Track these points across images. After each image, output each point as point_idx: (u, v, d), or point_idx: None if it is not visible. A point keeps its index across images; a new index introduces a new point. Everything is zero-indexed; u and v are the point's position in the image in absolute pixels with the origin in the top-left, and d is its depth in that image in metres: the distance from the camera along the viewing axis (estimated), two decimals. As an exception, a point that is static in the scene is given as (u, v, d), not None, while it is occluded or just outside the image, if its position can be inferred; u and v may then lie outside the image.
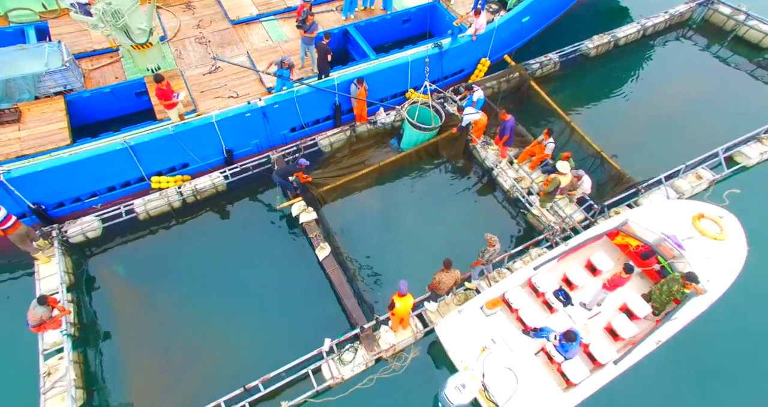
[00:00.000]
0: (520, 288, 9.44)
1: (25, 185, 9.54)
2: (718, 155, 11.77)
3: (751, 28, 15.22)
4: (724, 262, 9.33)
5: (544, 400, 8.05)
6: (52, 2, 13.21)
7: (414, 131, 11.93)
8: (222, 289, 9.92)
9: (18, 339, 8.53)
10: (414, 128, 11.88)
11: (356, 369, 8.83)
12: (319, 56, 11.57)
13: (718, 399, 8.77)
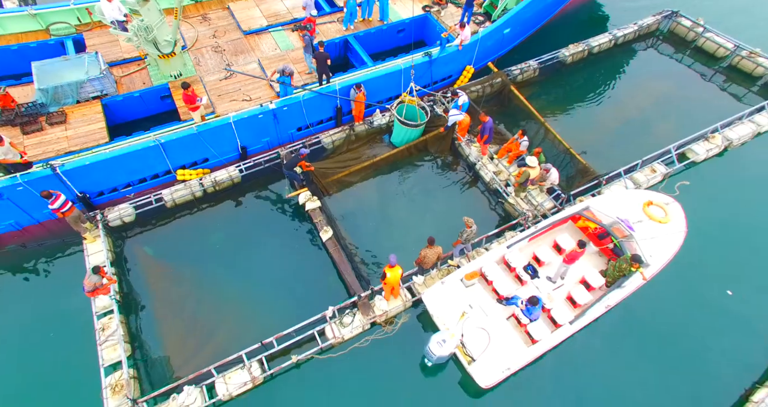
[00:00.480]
0: (495, 264, 11.11)
1: (74, 176, 11.20)
2: (671, 152, 13.43)
3: (708, 39, 16.90)
4: (665, 241, 11.01)
5: (511, 353, 9.73)
6: (85, 15, 14.90)
7: (401, 126, 13.57)
8: (239, 266, 11.57)
9: (73, 302, 10.19)
10: (401, 124, 13.51)
11: (354, 330, 10.49)
12: (318, 63, 13.23)
13: (655, 353, 10.42)
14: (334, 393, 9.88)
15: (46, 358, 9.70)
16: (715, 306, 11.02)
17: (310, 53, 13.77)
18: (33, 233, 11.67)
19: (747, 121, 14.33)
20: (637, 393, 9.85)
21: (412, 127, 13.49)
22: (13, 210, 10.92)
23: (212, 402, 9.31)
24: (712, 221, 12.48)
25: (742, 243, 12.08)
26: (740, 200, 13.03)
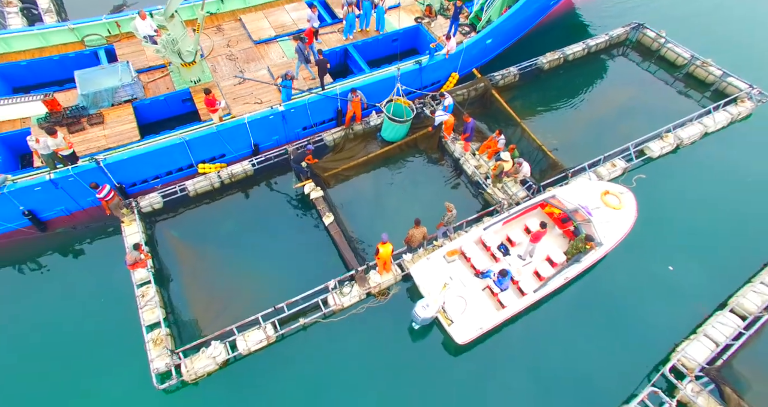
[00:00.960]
0: (473, 243, 13.01)
1: (113, 169, 13.10)
2: (630, 149, 15.34)
3: (669, 49, 18.80)
4: (617, 225, 12.93)
5: (483, 316, 11.64)
6: (115, 28, 16.80)
7: (390, 122, 15.39)
8: (252, 245, 13.45)
9: (117, 275, 12.09)
10: (390, 121, 15.34)
11: (352, 299, 12.38)
12: (319, 69, 15.10)
13: (606, 318, 12.32)
14: (334, 351, 11.75)
15: (99, 320, 11.60)
16: (658, 279, 12.93)
17: (302, 61, 15.67)
18: (79, 217, 13.58)
19: (696, 122, 16.24)
20: (590, 350, 11.73)
21: (399, 123, 15.33)
22: (64, 198, 12.83)
23: (233, 356, 11.20)
24: (662, 208, 14.39)
25: (685, 227, 13.99)
26: (687, 191, 14.95)
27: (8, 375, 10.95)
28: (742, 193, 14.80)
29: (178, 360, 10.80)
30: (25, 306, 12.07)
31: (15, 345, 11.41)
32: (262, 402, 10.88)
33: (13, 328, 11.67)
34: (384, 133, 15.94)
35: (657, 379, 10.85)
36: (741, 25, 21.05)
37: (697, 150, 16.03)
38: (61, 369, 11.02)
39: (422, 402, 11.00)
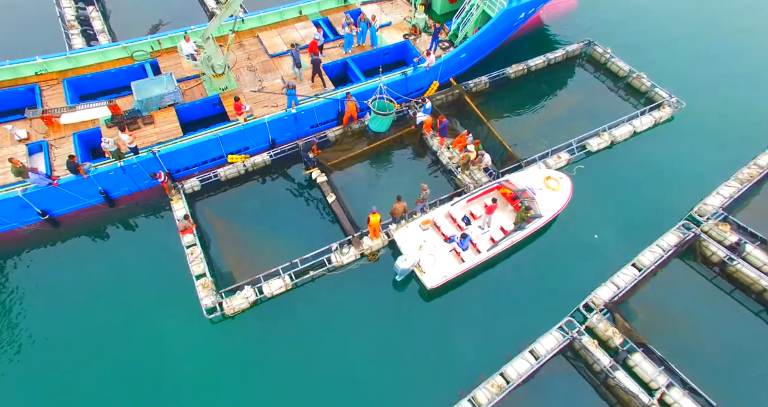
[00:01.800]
0: (443, 216, 16.83)
1: (164, 158, 16.90)
2: (573, 145, 19.15)
3: (613, 63, 22.64)
4: (554, 202, 16.75)
5: (447, 268, 15.44)
6: (157, 45, 20.59)
7: (376, 116, 19.01)
8: (270, 218, 17.19)
9: (170, 239, 15.91)
10: (376, 114, 18.94)
11: (349, 258, 16.16)
12: (313, 67, 18.87)
13: (543, 272, 16.12)
14: (336, 297, 15.52)
15: (159, 272, 15.40)
16: (586, 244, 16.74)
17: (295, 64, 19.51)
18: (137, 197, 17.39)
19: (627, 123, 20.04)
20: (529, 294, 15.52)
21: (382, 115, 18.95)
22: (128, 181, 16.65)
23: (260, 297, 15.00)
24: (594, 191, 18.20)
25: (611, 206, 17.80)
26: (617, 178, 18.76)
27: (96, 312, 14.73)
28: (658, 181, 18.58)
29: (220, 299, 14.62)
30: (102, 263, 15.89)
31: (98, 292, 15.18)
32: (282, 332, 14.65)
33: (96, 279, 15.46)
34: (371, 125, 19.50)
35: (574, 312, 14.68)
36: (672, 45, 24.85)
37: (627, 146, 19.84)
38: (135, 308, 14.80)
39: (403, 332, 14.79)
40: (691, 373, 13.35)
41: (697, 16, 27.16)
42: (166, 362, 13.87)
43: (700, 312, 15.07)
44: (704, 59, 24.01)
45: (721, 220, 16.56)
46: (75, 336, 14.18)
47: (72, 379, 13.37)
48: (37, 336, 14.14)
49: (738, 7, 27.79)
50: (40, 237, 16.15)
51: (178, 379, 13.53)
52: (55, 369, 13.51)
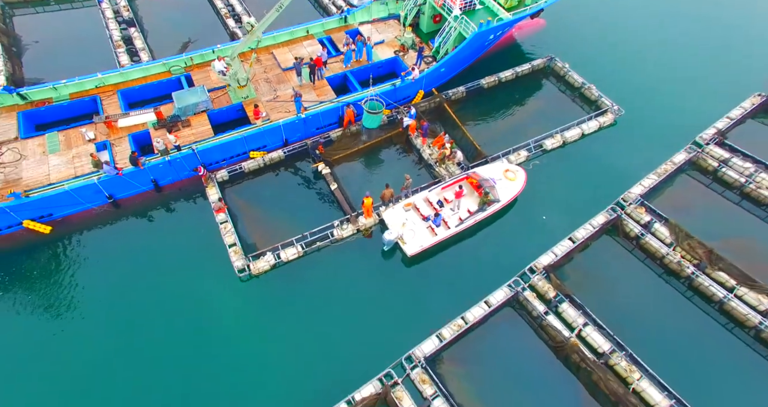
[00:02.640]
0: (422, 200, 21.21)
1: (201, 154, 21.29)
2: (530, 144, 23.52)
3: (570, 75, 27.01)
4: (510, 190, 21.14)
5: (423, 240, 19.82)
6: (189, 61, 24.97)
7: (368, 114, 23.21)
8: (284, 202, 21.52)
9: (206, 217, 20.32)
10: (368, 113, 23.18)
11: (348, 233, 20.55)
12: (311, 70, 23.33)
13: (500, 245, 20.50)
14: (337, 262, 19.85)
15: (199, 242, 19.79)
16: (535, 224, 21.12)
17: (298, 74, 23.98)
18: (179, 184, 21.80)
19: (577, 127, 24.41)
20: (489, 261, 19.87)
21: (374, 114, 23.23)
22: (173, 172, 21.05)
23: (278, 261, 19.36)
24: (547, 182, 22.55)
25: (559, 194, 22.16)
26: (565, 172, 23.10)
27: (150, 274, 19.06)
28: (597, 174, 22.93)
29: (248, 262, 19.02)
30: (153, 235, 20.29)
31: (152, 258, 19.54)
32: (295, 288, 18.96)
33: (149, 248, 19.83)
34: (365, 122, 23.79)
35: (521, 274, 19.04)
36: (620, 60, 29.22)
37: (576, 146, 24.21)
38: (181, 270, 19.14)
39: (389, 288, 19.16)
40: (602, 316, 17.73)
41: (645, 36, 31.54)
42: (207, 310, 18.21)
43: (617, 274, 19.49)
44: (644, 74, 28.39)
45: (639, 205, 20.96)
46: (135, 292, 18.50)
47: (136, 322, 17.75)
48: (106, 291, 18.48)
49: (676, 33, 32.16)
50: (107, 216, 20.59)
51: (218, 321, 17.91)
52: (121, 319, 17.85)
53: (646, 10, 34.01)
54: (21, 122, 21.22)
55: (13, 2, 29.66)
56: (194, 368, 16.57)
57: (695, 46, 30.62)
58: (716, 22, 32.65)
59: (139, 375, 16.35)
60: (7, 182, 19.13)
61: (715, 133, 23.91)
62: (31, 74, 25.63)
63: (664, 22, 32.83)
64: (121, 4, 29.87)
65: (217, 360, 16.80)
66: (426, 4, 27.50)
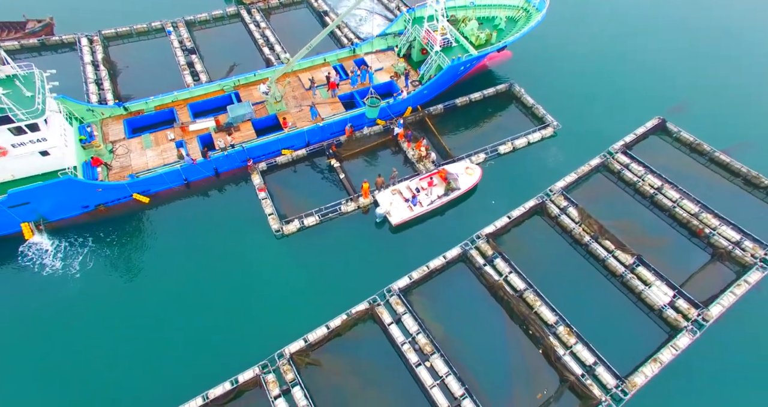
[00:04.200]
0: (404, 187, 29.69)
1: (248, 151, 29.90)
2: (488, 149, 31.94)
3: (524, 97, 35.43)
4: (469, 181, 29.55)
5: (404, 214, 28.30)
6: (236, 83, 33.70)
7: (368, 108, 31.70)
8: (306, 185, 30.08)
9: (250, 196, 28.93)
10: (369, 106, 31.64)
11: (351, 208, 29.04)
12: (327, 81, 32.03)
13: (458, 218, 28.90)
14: (343, 228, 28.29)
15: (246, 212, 28.34)
16: (485, 206, 29.48)
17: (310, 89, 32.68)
18: (232, 172, 30.41)
19: (524, 137, 32.78)
20: (445, 233, 28.23)
21: (373, 107, 31.57)
22: (228, 163, 29.68)
23: (302, 226, 27.84)
24: (497, 176, 30.91)
25: (505, 185, 30.52)
26: (512, 170, 31.48)
27: (209, 236, 27.59)
28: (535, 172, 31.26)
29: (281, 225, 27.54)
30: (215, 208, 28.90)
31: (213, 224, 28.10)
32: (314, 244, 27.40)
33: (211, 217, 28.42)
34: (367, 113, 32.18)
35: (472, 239, 27.33)
36: (563, 84, 37.74)
37: (523, 151, 32.60)
38: (233, 232, 27.64)
39: (381, 246, 27.60)
40: (522, 267, 26.00)
41: (585, 67, 40.00)
42: (252, 258, 26.65)
43: (538, 241, 27.79)
44: (580, 97, 36.80)
45: (560, 194, 29.29)
46: (203, 244, 26.98)
47: (206, 262, 26.23)
48: (183, 243, 26.99)
49: (608, 65, 40.56)
50: (182, 192, 29.27)
51: (260, 264, 26.36)
52: (195, 259, 26.29)
53: (587, 46, 42.35)
54: (126, 127, 30.05)
55: (109, 36, 38.68)
56: (244, 295, 25.01)
57: (618, 77, 39.04)
58: (636, 59, 41.08)
59: (210, 299, 24.83)
60: (122, 167, 27.90)
61: (623, 145, 32.25)
62: (125, 92, 34.53)
63: (599, 56, 41.23)
64: (184, 36, 38.81)
65: (258, 289, 25.25)
66: (415, 40, 36.13)
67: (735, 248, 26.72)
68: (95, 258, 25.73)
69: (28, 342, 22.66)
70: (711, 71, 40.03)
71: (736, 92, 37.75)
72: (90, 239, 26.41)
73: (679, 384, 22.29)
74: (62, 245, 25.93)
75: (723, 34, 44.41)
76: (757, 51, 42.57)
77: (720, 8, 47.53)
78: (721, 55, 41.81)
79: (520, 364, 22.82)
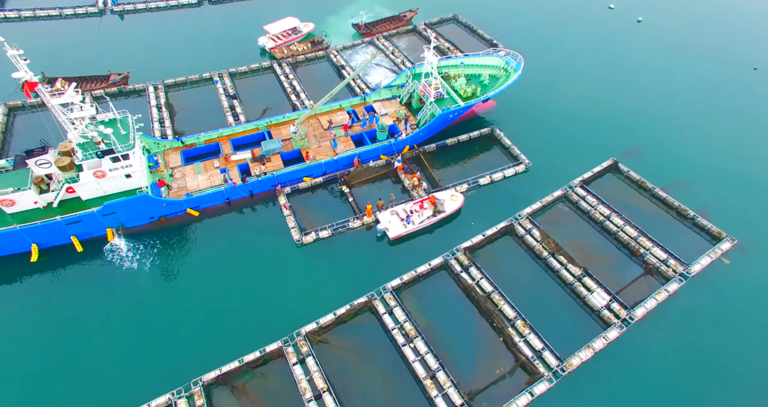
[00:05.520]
0: (400, 209, 36.98)
1: (277, 178, 37.61)
2: (469, 181, 39.34)
3: (503, 139, 43.18)
4: (452, 206, 36.81)
5: (399, 230, 35.46)
6: (268, 122, 42.02)
7: (378, 132, 39.56)
8: (321, 205, 37.51)
9: (277, 212, 36.41)
10: (379, 131, 39.47)
11: (357, 225, 36.30)
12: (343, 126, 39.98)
13: (444, 235, 35.92)
14: (350, 240, 35.47)
15: (273, 225, 35.72)
16: (466, 226, 36.50)
17: (329, 129, 40.76)
18: (263, 194, 37.99)
19: (500, 172, 40.20)
20: (433, 245, 35.18)
21: (382, 132, 39.42)
22: (261, 186, 37.33)
23: (317, 237, 35.02)
24: (477, 203, 38.09)
25: (484, 209, 37.65)
26: (490, 198, 38.69)
27: (242, 245, 34.93)
28: (509, 200, 38.40)
29: (301, 236, 34.78)
30: (248, 220, 36.35)
31: (246, 234, 35.50)
32: (326, 252, 34.49)
33: (246, 227, 35.86)
34: (378, 136, 40.11)
35: (450, 251, 34.24)
36: (536, 128, 45.55)
37: (500, 183, 39.91)
38: (261, 242, 34.95)
39: (381, 255, 34.61)
40: (491, 275, 32.66)
41: (555, 113, 47.92)
42: (276, 261, 33.76)
43: (506, 255, 34.57)
44: (550, 140, 44.41)
45: (526, 218, 36.31)
46: (237, 250, 34.25)
47: (240, 263, 33.37)
48: (222, 247, 34.28)
49: (572, 111, 48.53)
50: (224, 209, 36.86)
51: (283, 267, 33.41)
52: (230, 261, 33.47)
53: (558, 100, 50.26)
54: (182, 156, 38.18)
55: (169, 85, 47.89)
56: (271, 288, 31.96)
57: (582, 125, 46.72)
58: (597, 110, 48.89)
59: (245, 290, 31.80)
60: (179, 188, 35.74)
61: (581, 180, 39.49)
62: (181, 129, 43.03)
63: (568, 107, 49.12)
64: (228, 84, 47.79)
65: (282, 284, 32.21)
66: (414, 92, 44.48)
67: (662, 264, 33.28)
68: (159, 256, 33.12)
69: (117, 315, 29.83)
70: (660, 124, 47.57)
71: (678, 143, 45.08)
72: (157, 242, 33.93)
73: (606, 366, 28.41)
74: (135, 246, 33.41)
75: (668, 96, 52.10)
76: (698, 109, 50.05)
77: (662, 74, 55.66)
78: (667, 112, 49.48)
79: (484, 347, 29.17)
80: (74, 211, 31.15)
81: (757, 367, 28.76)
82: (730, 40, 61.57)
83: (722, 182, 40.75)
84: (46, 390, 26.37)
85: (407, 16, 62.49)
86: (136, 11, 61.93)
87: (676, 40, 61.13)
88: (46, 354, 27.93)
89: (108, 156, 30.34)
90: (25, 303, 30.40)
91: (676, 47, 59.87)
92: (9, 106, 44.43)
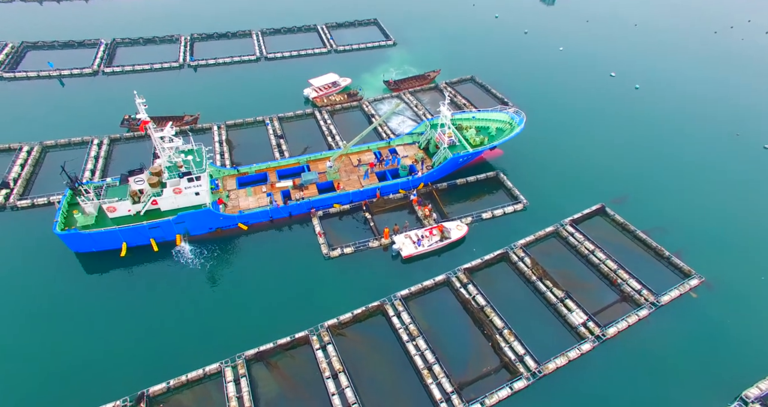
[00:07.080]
0: (413, 234, 43.86)
1: (313, 203, 45.44)
2: (473, 215, 46.13)
3: (506, 182, 50.32)
4: (458, 234, 43.47)
5: (411, 250, 42.16)
6: (308, 158, 50.67)
7: (400, 170, 47.16)
8: (348, 228, 44.77)
9: (310, 232, 43.87)
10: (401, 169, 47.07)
11: (375, 245, 43.23)
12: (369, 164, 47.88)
13: (447, 257, 42.31)
14: (369, 258, 42.27)
15: (307, 243, 43.08)
16: (468, 251, 42.86)
17: (357, 166, 48.76)
18: (300, 216, 45.72)
19: (501, 209, 46.90)
20: (437, 265, 41.56)
21: (404, 170, 47.04)
22: (299, 209, 45.15)
23: (343, 252, 42.00)
24: (480, 233, 44.60)
25: (485, 238, 44.05)
26: (492, 229, 45.19)
27: (281, 253, 42.24)
28: (506, 233, 44.76)
29: (329, 251, 41.86)
30: (286, 236, 43.88)
31: (283, 246, 42.90)
32: (350, 265, 41.29)
33: (284, 241, 43.30)
34: (400, 172, 47.71)
35: (452, 271, 40.47)
36: (538, 173, 52.44)
37: (501, 219, 46.49)
38: (296, 256, 42.16)
39: (394, 270, 41.16)
40: (486, 292, 38.53)
41: (552, 161, 54.90)
42: (308, 271, 40.70)
43: (500, 278, 40.49)
44: (546, 185, 51.12)
45: (520, 248, 42.47)
46: (276, 260, 41.47)
47: (277, 271, 40.46)
48: (263, 257, 41.62)
49: (569, 157, 55.48)
50: (267, 226, 44.61)
51: (313, 277, 40.25)
52: (270, 268, 40.64)
53: (556, 150, 57.39)
54: (237, 182, 46.87)
55: (229, 125, 58.23)
56: (303, 290, 38.74)
57: (576, 173, 53.39)
58: (591, 160, 55.65)
59: (282, 291, 38.68)
60: (233, 206, 43.99)
61: (571, 220, 45.72)
62: (237, 160, 52.30)
63: (565, 159, 56.14)
64: (276, 126, 57.55)
65: (312, 287, 38.96)
66: (431, 139, 52.72)
67: (636, 293, 38.50)
68: (215, 259, 40.81)
69: (184, 301, 37.20)
70: (647, 176, 53.84)
71: (662, 193, 51.02)
72: (215, 247, 41.71)
73: (578, 373, 33.32)
74: (196, 249, 41.26)
75: (657, 153, 58.60)
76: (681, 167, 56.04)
77: (654, 134, 62.49)
78: (655, 167, 55.74)
79: (475, 349, 34.66)
80: (155, 219, 39.53)
81: (714, 387, 33.00)
82: (714, 109, 68.40)
83: (698, 229, 46.09)
84: (137, 352, 33.57)
85: (431, 76, 72.45)
86: (207, 65, 74.54)
87: (667, 107, 68.44)
88: (134, 325, 35.37)
89: (186, 177, 39.02)
90: (116, 287, 38.32)
91: (667, 112, 67.07)
92: (111, 138, 55.33)
